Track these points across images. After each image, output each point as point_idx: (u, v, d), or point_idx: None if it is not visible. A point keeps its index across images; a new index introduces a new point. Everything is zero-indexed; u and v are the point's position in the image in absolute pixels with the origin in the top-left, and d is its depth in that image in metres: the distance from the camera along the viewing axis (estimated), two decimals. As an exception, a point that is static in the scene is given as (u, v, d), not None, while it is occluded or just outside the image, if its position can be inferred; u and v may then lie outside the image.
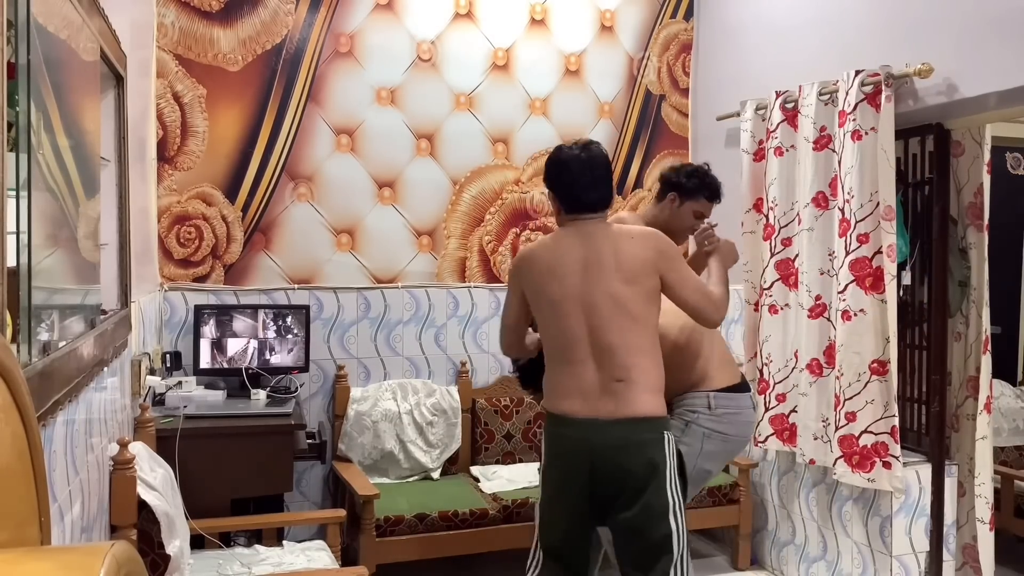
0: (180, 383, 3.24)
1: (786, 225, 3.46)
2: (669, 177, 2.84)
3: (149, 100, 3.37)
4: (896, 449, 3.01)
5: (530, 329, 2.57)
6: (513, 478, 3.70)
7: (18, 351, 1.28)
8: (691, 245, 2.93)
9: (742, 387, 2.76)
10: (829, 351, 3.22)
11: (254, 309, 3.61)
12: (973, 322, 3.18)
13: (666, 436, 2.28)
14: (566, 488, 2.30)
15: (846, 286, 3.08)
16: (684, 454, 2.43)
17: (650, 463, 2.23)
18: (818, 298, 3.29)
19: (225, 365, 3.53)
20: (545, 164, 2.42)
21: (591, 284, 2.26)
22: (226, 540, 3.00)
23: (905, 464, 3.08)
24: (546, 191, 2.44)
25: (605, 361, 2.24)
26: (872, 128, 3.03)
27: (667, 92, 4.40)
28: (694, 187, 2.78)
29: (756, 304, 3.62)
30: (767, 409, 3.50)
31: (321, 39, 3.79)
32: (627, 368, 2.24)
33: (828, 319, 3.25)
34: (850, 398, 3.08)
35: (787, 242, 3.45)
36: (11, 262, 1.25)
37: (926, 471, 3.14)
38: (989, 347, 3.11)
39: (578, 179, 2.31)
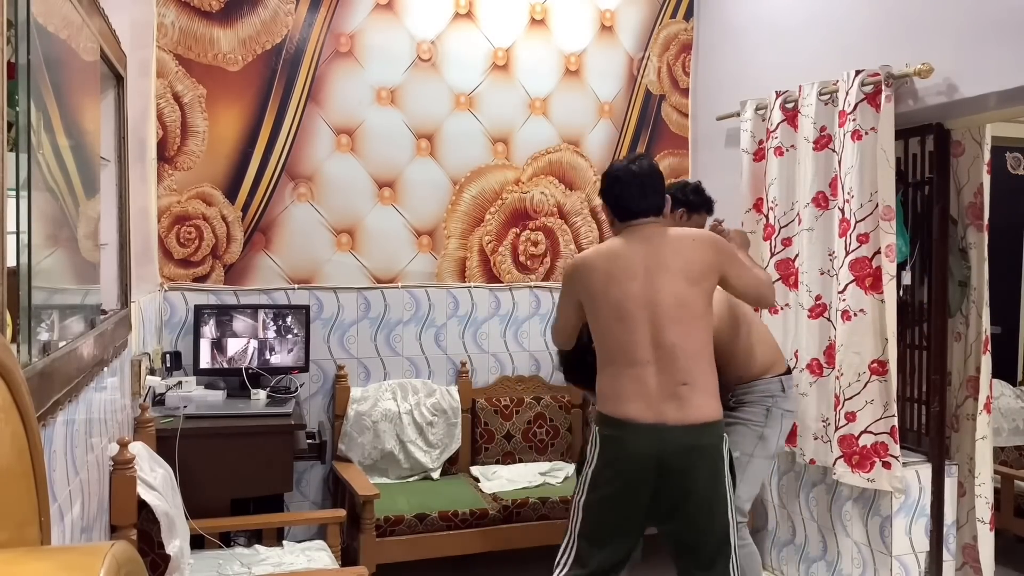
0: (180, 383, 3.24)
1: (786, 225, 3.46)
2: (677, 195, 3.03)
3: (149, 100, 3.37)
4: (896, 449, 3.01)
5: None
6: (513, 478, 3.70)
7: (18, 351, 1.28)
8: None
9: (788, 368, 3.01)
10: (829, 351, 3.22)
11: (254, 309, 3.61)
12: (973, 322, 3.18)
13: (724, 438, 2.35)
14: (626, 491, 2.30)
15: (846, 286, 3.08)
16: (768, 439, 2.76)
17: (715, 466, 2.30)
18: (818, 298, 3.29)
19: (225, 365, 3.53)
20: (600, 180, 2.59)
21: (655, 286, 2.31)
22: (226, 540, 3.00)
23: (905, 464, 3.08)
24: (600, 203, 2.69)
25: (668, 364, 2.28)
26: (872, 128, 3.03)
27: (667, 92, 4.40)
28: (699, 203, 3.06)
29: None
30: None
31: (321, 39, 3.79)
32: (690, 372, 2.28)
33: (828, 319, 3.25)
34: (850, 398, 3.08)
35: (787, 242, 3.45)
36: (11, 262, 1.25)
37: (926, 471, 3.14)
38: (989, 347, 3.11)
39: (627, 188, 2.43)
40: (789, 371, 2.95)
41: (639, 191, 2.43)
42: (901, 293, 3.18)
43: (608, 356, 2.36)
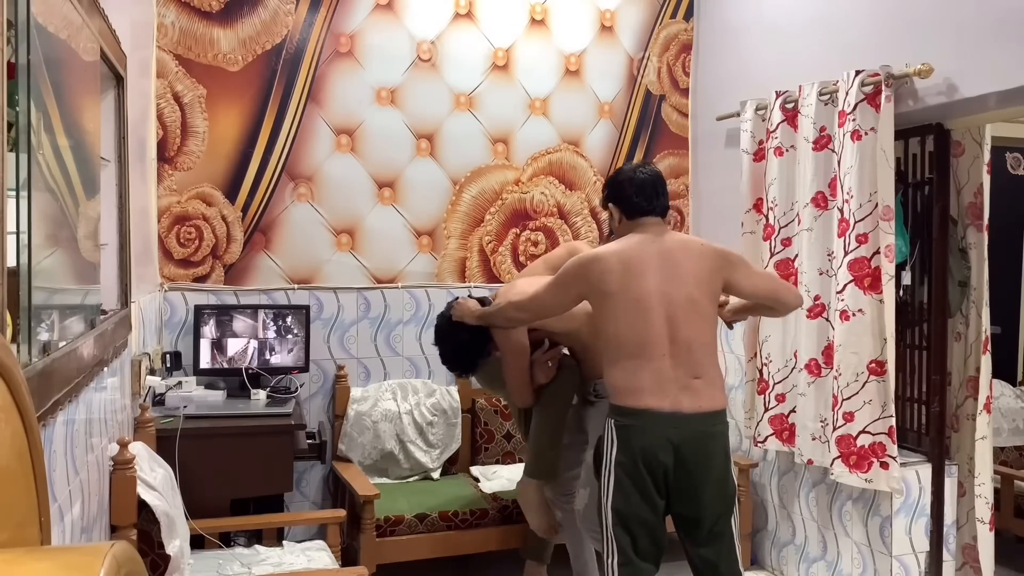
0: (180, 383, 3.24)
1: (786, 225, 3.46)
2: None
3: (149, 100, 3.37)
4: (893, 449, 3.01)
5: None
6: (513, 478, 3.69)
7: (18, 351, 1.28)
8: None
9: None
10: (827, 351, 3.22)
11: (254, 309, 3.61)
12: (973, 322, 3.18)
13: (728, 425, 2.54)
14: (646, 480, 2.41)
15: (844, 286, 3.08)
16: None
17: (726, 451, 2.50)
18: (817, 298, 3.29)
19: (225, 365, 3.53)
20: (605, 184, 2.75)
21: (670, 283, 2.45)
22: (226, 540, 3.00)
23: (905, 464, 3.08)
24: (604, 209, 2.74)
25: (683, 358, 2.42)
26: (872, 128, 3.03)
27: (667, 92, 4.40)
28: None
29: (756, 304, 3.62)
30: (767, 409, 3.50)
31: (321, 39, 3.79)
32: (703, 365, 2.44)
33: (827, 319, 3.25)
34: (848, 398, 3.08)
35: (787, 242, 3.45)
36: (11, 262, 1.25)
37: (926, 471, 3.14)
38: (989, 347, 3.11)
39: (641, 187, 2.59)
40: None
41: (652, 189, 2.59)
42: (901, 293, 3.18)
43: (623, 351, 2.44)
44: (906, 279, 3.19)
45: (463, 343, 2.98)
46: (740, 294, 2.64)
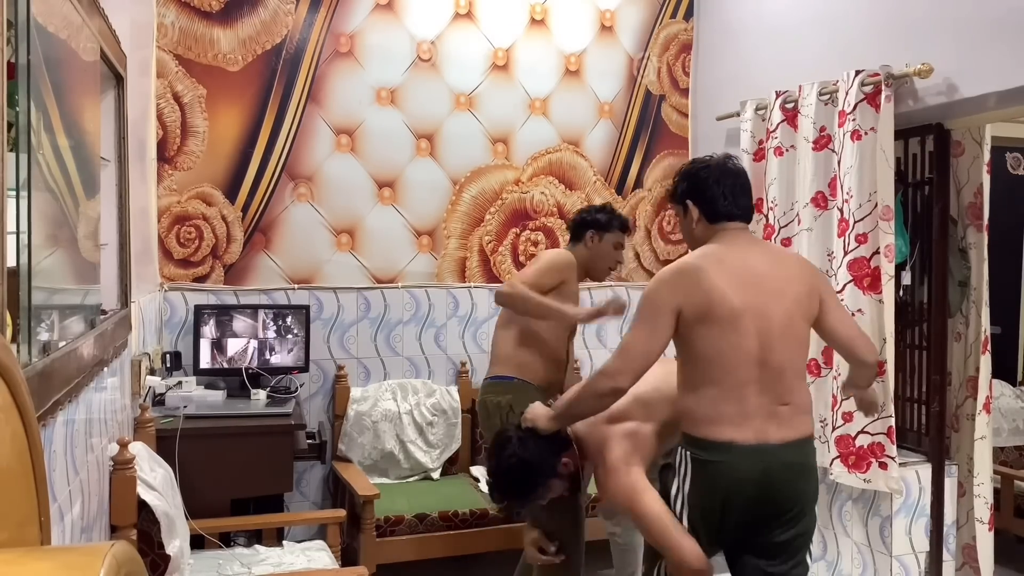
0: (180, 383, 3.24)
1: (786, 225, 3.46)
2: (583, 218, 3.07)
3: (149, 100, 3.37)
4: (892, 450, 3.01)
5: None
6: (513, 478, 3.70)
7: (18, 351, 1.28)
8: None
9: None
10: (827, 351, 3.22)
11: (254, 309, 3.61)
12: (973, 322, 3.18)
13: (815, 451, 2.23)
14: (720, 516, 2.10)
15: (844, 286, 3.08)
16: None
17: (816, 483, 2.20)
18: (818, 298, 3.28)
19: (225, 365, 3.53)
20: (678, 178, 2.28)
21: (767, 299, 2.09)
22: (226, 540, 3.00)
23: (905, 464, 3.08)
24: (678, 205, 2.28)
25: (770, 383, 2.07)
26: (872, 128, 3.03)
27: (667, 92, 4.40)
28: (607, 220, 3.03)
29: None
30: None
31: (321, 39, 3.79)
32: (792, 391, 2.11)
33: (828, 319, 3.24)
34: (847, 398, 3.08)
35: (787, 242, 3.45)
36: (11, 262, 1.25)
37: (926, 471, 3.13)
38: (989, 347, 3.11)
39: (729, 185, 2.19)
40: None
41: (741, 189, 2.21)
42: (901, 293, 3.18)
43: (708, 376, 2.08)
44: (906, 279, 3.19)
45: (522, 460, 2.29)
46: (818, 325, 2.23)
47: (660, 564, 2.26)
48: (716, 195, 2.18)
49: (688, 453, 2.11)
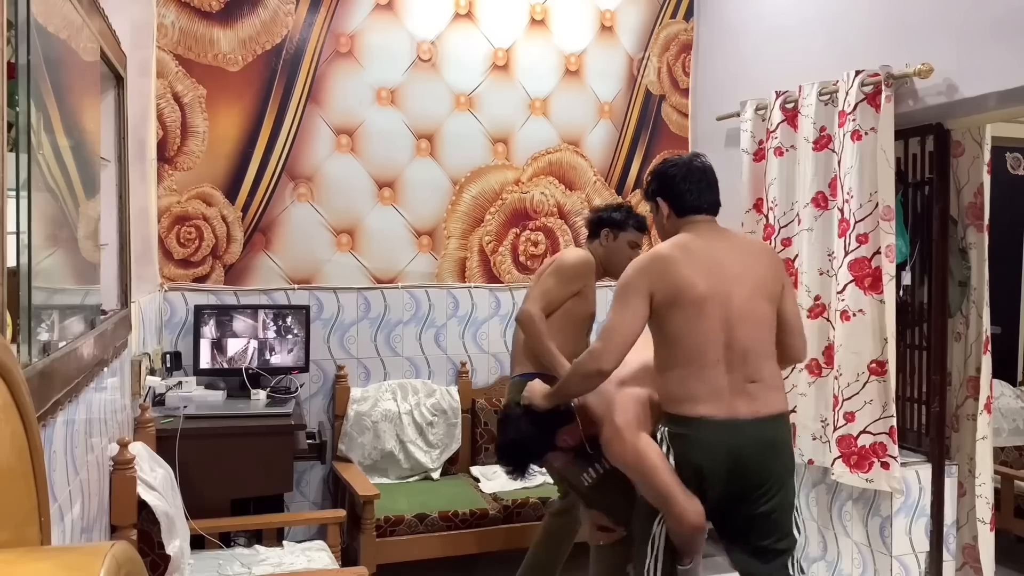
0: (180, 383, 3.24)
1: (786, 225, 3.46)
2: (599, 216, 3.12)
3: (149, 100, 3.37)
4: (894, 449, 3.01)
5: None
6: (513, 478, 3.70)
7: (18, 351, 1.28)
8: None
9: None
10: (828, 351, 3.22)
11: (254, 309, 3.61)
12: (973, 322, 3.18)
13: (791, 428, 2.37)
14: (698, 488, 2.24)
15: (845, 286, 3.08)
16: None
17: (790, 457, 2.34)
18: (817, 298, 3.29)
19: (225, 365, 3.53)
20: (650, 177, 2.48)
21: (730, 285, 2.25)
22: (226, 540, 3.00)
23: (906, 464, 3.08)
24: (650, 202, 2.46)
25: (738, 363, 2.23)
26: (872, 128, 3.03)
27: (667, 92, 4.40)
28: (623, 219, 3.07)
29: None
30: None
31: (321, 39, 3.79)
32: (759, 370, 2.25)
33: (827, 319, 3.25)
34: (848, 398, 3.08)
35: (787, 242, 3.45)
36: (11, 262, 1.25)
37: (926, 471, 3.13)
38: (989, 347, 3.11)
39: (696, 182, 2.37)
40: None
41: (707, 185, 2.39)
42: (901, 293, 3.18)
43: (677, 357, 2.25)
44: (906, 279, 3.19)
45: (521, 436, 2.52)
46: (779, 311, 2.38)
47: (654, 538, 2.33)
48: (683, 191, 2.37)
49: (666, 429, 2.29)
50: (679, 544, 2.27)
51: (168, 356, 3.38)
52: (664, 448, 2.29)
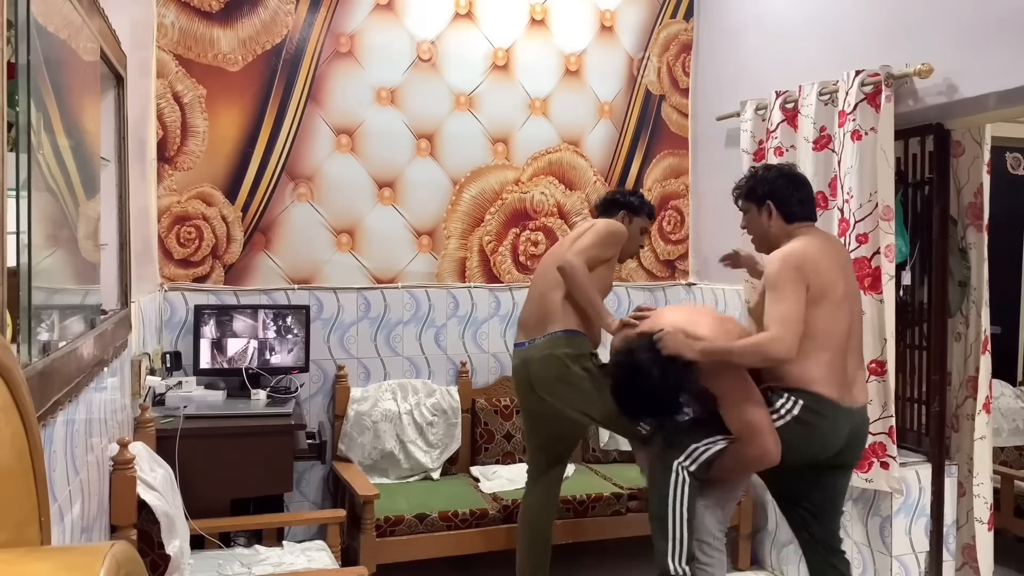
0: (180, 383, 3.24)
1: (786, 225, 3.45)
2: (616, 198, 3.21)
3: (149, 100, 3.37)
4: (893, 449, 3.01)
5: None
6: (513, 478, 3.70)
7: (18, 351, 1.28)
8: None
9: None
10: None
11: (254, 309, 3.61)
12: (973, 322, 3.18)
13: None
14: (800, 459, 2.52)
15: (846, 286, 3.08)
16: None
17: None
18: (818, 298, 3.29)
19: (225, 365, 3.53)
20: (755, 183, 2.68)
21: (852, 285, 2.62)
22: (226, 540, 3.00)
23: (905, 464, 3.08)
24: (756, 204, 2.66)
25: (853, 354, 2.58)
26: (872, 128, 3.03)
27: (667, 92, 4.40)
28: (639, 204, 3.19)
29: (756, 304, 3.62)
30: (767, 409, 3.50)
31: (321, 39, 3.79)
32: (862, 362, 2.67)
33: (828, 319, 3.24)
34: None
35: (787, 242, 3.44)
36: (11, 262, 1.25)
37: (926, 471, 3.14)
38: (989, 347, 3.11)
39: (803, 192, 2.65)
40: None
41: (810, 195, 2.68)
42: (901, 293, 3.18)
43: (818, 344, 2.47)
44: (906, 279, 3.19)
45: (665, 381, 2.49)
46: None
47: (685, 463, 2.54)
48: (795, 200, 2.63)
49: (800, 402, 2.46)
50: (728, 474, 2.57)
51: (168, 356, 3.38)
52: (786, 413, 2.48)
